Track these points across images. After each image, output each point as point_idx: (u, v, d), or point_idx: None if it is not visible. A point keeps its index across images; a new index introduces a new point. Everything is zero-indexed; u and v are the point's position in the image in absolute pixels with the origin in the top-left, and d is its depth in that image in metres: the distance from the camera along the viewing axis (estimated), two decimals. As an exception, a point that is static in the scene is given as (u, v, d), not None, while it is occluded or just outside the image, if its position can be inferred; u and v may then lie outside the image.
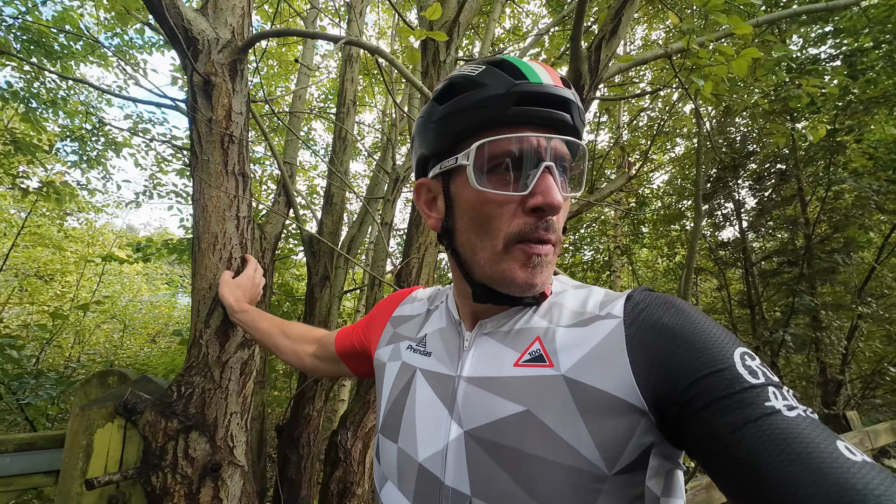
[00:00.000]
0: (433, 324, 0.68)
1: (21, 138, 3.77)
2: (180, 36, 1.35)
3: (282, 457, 2.22)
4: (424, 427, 0.57)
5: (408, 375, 0.64)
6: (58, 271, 7.35)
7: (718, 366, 0.43)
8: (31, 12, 4.02)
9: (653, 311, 0.51)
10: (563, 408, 0.49)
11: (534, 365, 0.53)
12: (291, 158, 2.86)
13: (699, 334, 0.47)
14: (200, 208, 1.38)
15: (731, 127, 5.80)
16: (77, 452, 1.15)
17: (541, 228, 0.52)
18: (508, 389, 0.53)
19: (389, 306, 0.80)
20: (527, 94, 0.51)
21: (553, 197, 0.51)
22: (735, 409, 0.40)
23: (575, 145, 0.55)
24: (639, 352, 0.48)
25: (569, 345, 0.53)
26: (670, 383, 0.45)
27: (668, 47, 1.94)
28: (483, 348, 0.59)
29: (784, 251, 5.09)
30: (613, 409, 0.47)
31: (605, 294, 0.58)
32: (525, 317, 0.59)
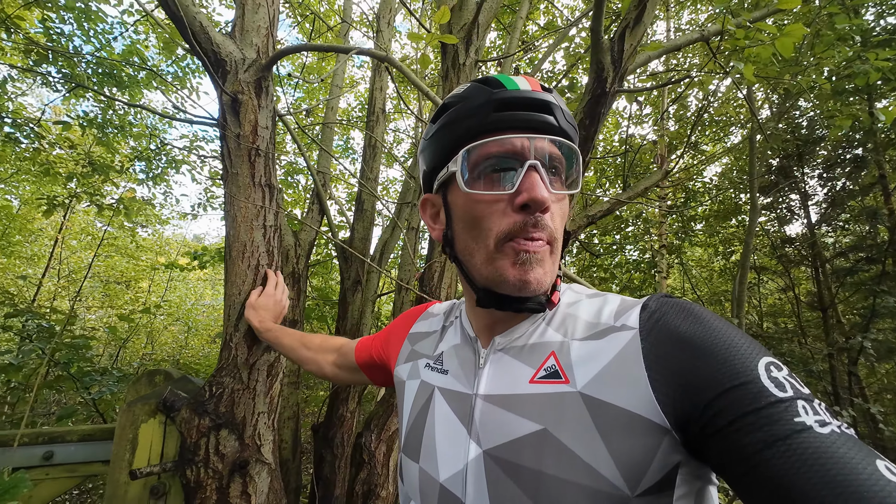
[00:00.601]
0: (448, 340, 0.69)
1: (98, 161, 4.24)
2: (209, 59, 1.45)
3: (317, 456, 2.31)
4: (444, 447, 0.58)
5: (427, 394, 0.64)
6: (132, 278, 8.18)
7: (741, 378, 0.41)
8: (104, 48, 4.52)
9: (669, 319, 0.49)
10: (580, 426, 0.47)
11: (549, 381, 0.52)
12: (325, 168, 2.98)
13: (719, 344, 0.44)
14: (231, 218, 1.47)
15: (794, 111, 5.26)
16: (124, 445, 1.26)
17: (529, 225, 0.52)
18: (525, 407, 0.52)
19: (407, 323, 0.81)
20: (505, 100, 0.54)
21: (538, 192, 0.51)
22: (762, 425, 0.38)
23: (564, 146, 0.56)
24: (657, 365, 0.46)
25: (584, 359, 0.51)
26: (691, 399, 0.43)
27: (704, 30, 1.80)
28: (498, 365, 0.58)
29: (862, 246, 4.53)
30: (633, 428, 0.45)
31: (621, 303, 0.56)
32: (538, 330, 0.58)
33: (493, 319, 0.62)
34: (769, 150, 4.78)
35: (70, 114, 5.99)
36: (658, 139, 3.52)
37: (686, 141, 3.16)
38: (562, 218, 0.57)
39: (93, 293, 8.30)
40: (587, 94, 1.65)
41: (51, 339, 1.92)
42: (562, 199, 0.57)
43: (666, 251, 4.97)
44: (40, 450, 1.39)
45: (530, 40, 5.14)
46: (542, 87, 0.56)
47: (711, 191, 5.85)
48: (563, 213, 0.57)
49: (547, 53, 2.89)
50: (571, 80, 2.47)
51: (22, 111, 4.60)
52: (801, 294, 5.45)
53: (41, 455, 1.38)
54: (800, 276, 5.84)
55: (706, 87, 2.12)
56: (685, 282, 7.11)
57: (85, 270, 7.19)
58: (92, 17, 4.22)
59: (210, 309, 10.82)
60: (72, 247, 7.75)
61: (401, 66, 1.17)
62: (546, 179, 0.53)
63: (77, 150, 4.33)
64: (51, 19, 4.12)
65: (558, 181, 0.56)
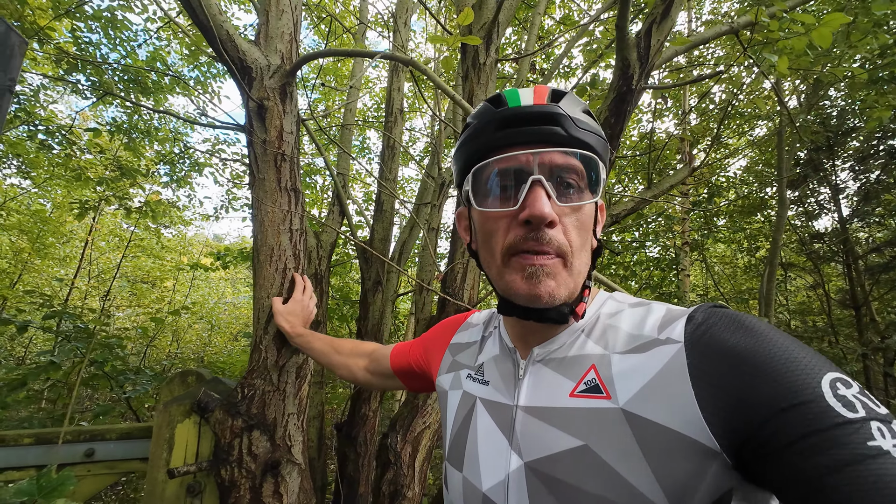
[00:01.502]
0: (488, 351, 0.69)
1: (125, 165, 4.38)
2: (236, 67, 1.47)
3: (341, 455, 2.34)
4: (487, 457, 0.58)
5: (469, 405, 0.65)
6: (158, 277, 8.45)
7: (801, 397, 0.37)
8: (130, 55, 4.65)
9: (718, 332, 0.46)
10: (623, 444, 0.46)
11: (590, 396, 0.51)
12: (344, 169, 3.01)
13: (776, 358, 0.40)
14: (258, 223, 1.50)
15: (824, 101, 5.05)
16: (161, 444, 1.30)
17: (531, 240, 0.53)
18: (565, 421, 0.51)
19: (447, 333, 0.82)
20: (507, 117, 0.55)
21: (537, 208, 0.51)
22: (826, 448, 0.34)
23: (576, 155, 0.54)
24: (704, 382, 0.43)
25: (626, 374, 0.50)
26: (744, 419, 0.40)
27: (734, 22, 1.74)
28: (538, 377, 0.58)
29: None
30: (680, 449, 0.43)
31: (666, 312, 0.53)
32: (578, 342, 0.57)
33: (525, 329, 0.62)
34: (798, 142, 4.61)
35: (98, 120, 6.20)
36: (685, 135, 3.42)
37: (714, 136, 3.06)
38: (579, 228, 0.55)
39: (121, 292, 8.61)
40: (612, 91, 1.62)
41: (89, 338, 2.01)
42: (578, 210, 0.55)
43: (689, 248, 4.85)
44: (82, 447, 1.45)
45: (546, 36, 5.07)
46: (552, 96, 0.56)
47: (736, 185, 5.68)
48: (582, 223, 0.55)
49: (565, 51, 2.85)
50: (593, 77, 2.43)
51: (53, 118, 4.78)
52: (831, 291, 5.25)
53: (83, 452, 1.44)
54: (830, 272, 5.62)
55: (738, 82, 2.05)
56: (707, 279, 6.94)
57: (113, 271, 7.46)
58: (118, 25, 4.35)
59: (231, 307, 11.10)
60: (101, 248, 8.05)
61: (425, 70, 1.17)
62: (552, 193, 0.52)
63: (106, 155, 4.47)
64: (79, 29, 4.27)
65: (572, 192, 0.54)
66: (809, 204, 5.62)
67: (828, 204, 5.40)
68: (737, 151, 5.45)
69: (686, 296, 4.61)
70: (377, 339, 2.63)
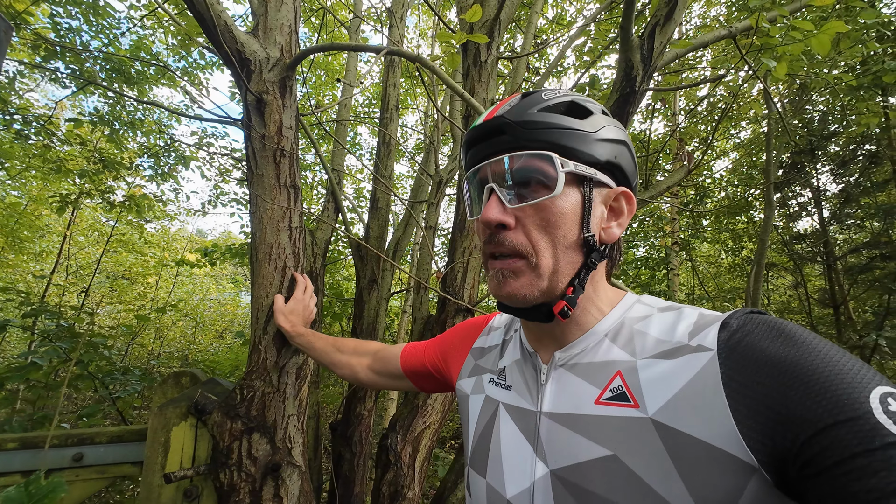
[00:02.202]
0: (510, 355, 0.68)
1: (108, 157, 4.23)
2: (234, 59, 1.43)
3: (336, 454, 2.32)
4: (511, 463, 0.57)
5: (492, 409, 0.64)
6: (140, 274, 8.22)
7: (849, 412, 0.35)
8: (112, 43, 4.49)
9: (755, 340, 0.44)
10: (653, 456, 0.44)
11: (617, 404, 0.50)
12: (339, 166, 2.96)
13: (819, 369, 0.38)
14: (257, 220, 1.46)
15: (807, 105, 5.20)
16: (157, 448, 1.26)
17: (491, 243, 0.57)
18: (592, 430, 0.50)
19: (469, 336, 0.81)
20: (468, 141, 0.61)
21: (484, 214, 0.55)
22: (877, 470, 0.32)
23: (524, 157, 0.55)
24: (739, 394, 0.41)
25: (655, 382, 0.48)
26: (784, 434, 0.38)
27: (732, 26, 1.76)
28: (561, 382, 0.57)
29: (876, 243, 4.49)
30: (714, 463, 0.41)
31: (699, 317, 0.51)
32: (602, 347, 0.56)
33: (538, 331, 0.62)
34: (785, 144, 4.74)
35: (77, 110, 5.98)
36: (685, 138, 3.47)
37: (707, 139, 3.12)
38: (543, 227, 0.54)
39: (100, 289, 8.34)
40: (615, 92, 1.62)
41: (73, 338, 1.93)
42: (541, 209, 0.54)
43: (678, 248, 4.94)
44: (70, 451, 1.39)
45: (539, 35, 5.08)
46: (502, 110, 0.57)
47: (722, 186, 5.81)
48: (548, 221, 0.54)
49: (562, 51, 2.85)
50: (593, 77, 2.44)
51: (29, 107, 4.58)
52: (811, 291, 5.42)
53: (71, 456, 1.39)
54: (810, 272, 5.81)
55: (736, 87, 2.08)
56: (693, 278, 7.09)
57: (92, 266, 7.22)
58: (100, 11, 4.19)
59: (216, 304, 10.88)
60: (79, 243, 7.78)
61: (433, 67, 1.15)
62: (504, 198, 0.55)
63: (87, 147, 4.31)
64: (59, 14, 4.09)
65: (531, 192, 0.54)
66: (791, 206, 5.78)
67: (809, 206, 5.56)
68: (724, 153, 5.57)
69: (675, 295, 4.70)
70: (372, 338, 2.61)
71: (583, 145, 0.55)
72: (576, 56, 5.11)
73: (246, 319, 10.37)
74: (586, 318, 0.58)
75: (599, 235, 0.57)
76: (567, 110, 0.57)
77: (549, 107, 0.56)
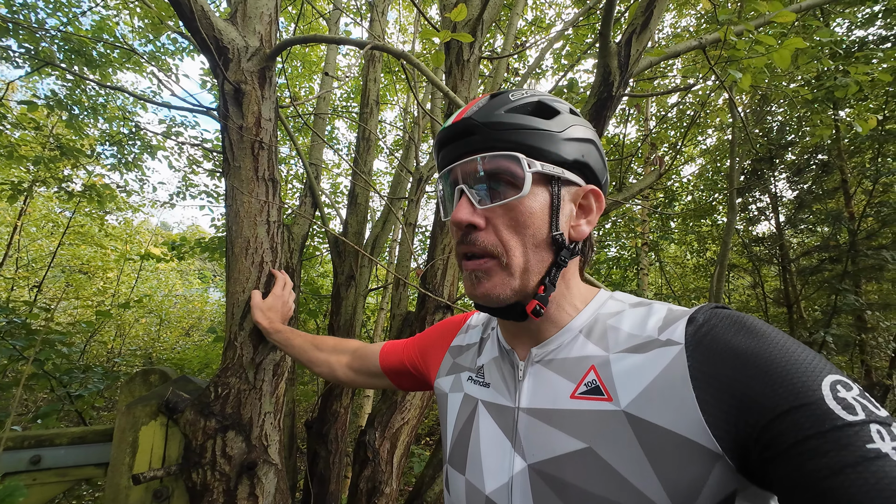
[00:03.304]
0: (488, 353, 0.69)
1: (65, 144, 3.98)
2: (211, 46, 1.38)
3: (311, 452, 2.29)
4: (490, 459, 0.58)
5: (470, 407, 0.65)
6: (99, 268, 7.77)
7: (802, 399, 0.38)
8: (72, 23, 4.22)
9: (719, 333, 0.46)
10: (626, 447, 0.46)
11: (591, 398, 0.51)
12: (317, 160, 2.91)
13: (776, 359, 0.41)
14: (233, 214, 1.42)
15: (767, 116, 5.51)
16: (124, 448, 1.21)
17: (463, 244, 0.58)
18: (568, 423, 0.52)
19: (447, 335, 0.81)
20: (439, 142, 0.62)
21: (455, 214, 0.56)
22: (827, 450, 0.35)
23: (493, 157, 0.55)
24: (705, 385, 0.44)
25: (627, 375, 0.50)
26: (745, 421, 0.40)
27: (702, 38, 1.85)
28: (538, 378, 0.58)
29: (826, 247, 4.82)
30: (682, 451, 0.43)
31: (668, 312, 0.53)
32: (578, 343, 0.57)
33: (514, 328, 0.63)
34: (748, 151, 5.01)
35: (33, 92, 5.59)
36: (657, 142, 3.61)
37: (677, 144, 3.26)
38: (513, 227, 0.55)
39: (54, 283, 7.84)
40: (592, 97, 1.67)
41: (29, 335, 1.80)
42: (510, 209, 0.55)
43: (648, 249, 5.14)
44: (27, 454, 1.31)
45: (518, 36, 5.14)
46: (471, 111, 0.58)
47: (689, 190, 6.08)
48: (518, 221, 0.55)
49: (541, 54, 2.90)
50: (571, 80, 2.50)
51: (-24, 88, 4.24)
52: (767, 291, 5.76)
53: (28, 459, 1.31)
54: (767, 273, 6.17)
55: (704, 95, 2.19)
56: (661, 277, 7.39)
57: (46, 260, 6.78)
58: (58, -13, 3.93)
59: (182, 300, 10.43)
60: (32, 234, 7.28)
61: (419, 64, 1.15)
62: (474, 199, 0.56)
63: (42, 132, 4.04)
64: (11, -12, 3.80)
65: (500, 192, 0.55)
66: (751, 210, 6.11)
67: (767, 211, 5.90)
68: (691, 158, 5.83)
69: (644, 293, 4.89)
70: (350, 335, 2.58)
71: (549, 145, 0.56)
72: (554, 58, 5.22)
73: (215, 316, 10.00)
74: (561, 315, 0.60)
75: (569, 233, 0.58)
76: (534, 110, 0.58)
77: (516, 107, 0.57)
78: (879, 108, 3.85)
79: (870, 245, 4.26)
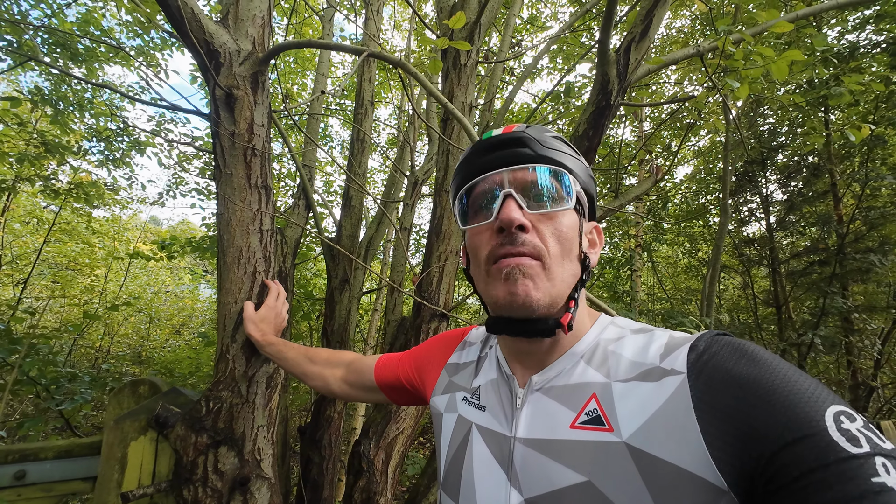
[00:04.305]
0: (485, 374, 0.67)
1: (51, 140, 3.88)
2: (202, 50, 1.34)
3: (304, 459, 2.27)
4: (483, 490, 0.57)
5: (464, 430, 0.63)
6: (87, 265, 7.62)
7: (806, 430, 0.37)
8: (56, 15, 4.10)
9: (721, 361, 0.46)
10: (627, 481, 0.45)
11: (592, 428, 0.50)
12: (310, 161, 2.86)
13: (779, 388, 0.40)
14: (225, 222, 1.39)
15: (759, 118, 5.56)
16: (112, 464, 1.18)
17: (507, 244, 0.56)
18: (567, 455, 0.50)
19: (444, 350, 0.79)
20: (483, 147, 0.62)
21: (506, 214, 0.55)
22: (831, 484, 0.34)
23: (544, 170, 0.59)
24: (709, 416, 0.43)
25: (629, 405, 0.49)
26: (749, 452, 0.39)
27: (700, 46, 1.85)
28: (537, 407, 0.57)
29: (815, 249, 4.89)
30: (686, 487, 0.42)
31: (669, 339, 0.53)
32: (578, 369, 0.56)
33: (520, 350, 0.62)
34: (741, 154, 5.05)
35: (15, 87, 5.43)
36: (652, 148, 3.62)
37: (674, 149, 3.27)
38: (556, 236, 0.57)
39: (40, 280, 7.68)
40: (591, 105, 1.66)
41: (13, 343, 1.75)
42: (552, 218, 0.58)
43: (641, 250, 5.18)
44: (11, 469, 1.28)
45: (514, 34, 5.11)
46: (516, 127, 0.62)
47: (683, 193, 6.12)
48: (560, 232, 0.57)
49: (538, 56, 2.88)
50: (568, 85, 2.48)
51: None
52: (757, 291, 5.84)
53: (12, 475, 1.27)
54: (757, 274, 6.26)
55: (701, 103, 2.20)
56: (653, 278, 7.45)
57: (31, 257, 6.63)
58: (41, -21, 3.81)
59: (173, 297, 10.28)
60: (16, 231, 7.10)
61: (415, 73, 1.13)
62: (521, 203, 0.57)
63: (26, 128, 3.93)
64: (-8, -21, 3.68)
65: (545, 203, 0.58)
66: (742, 212, 6.17)
67: (758, 213, 5.96)
68: (682, 160, 5.87)
69: (637, 294, 4.93)
70: (343, 339, 2.56)
71: (582, 173, 0.63)
72: (549, 59, 5.20)
73: (206, 313, 9.88)
74: (567, 339, 0.59)
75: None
76: (567, 142, 0.64)
77: (556, 136, 0.63)
78: (870, 112, 3.90)
79: (857, 248, 4.33)
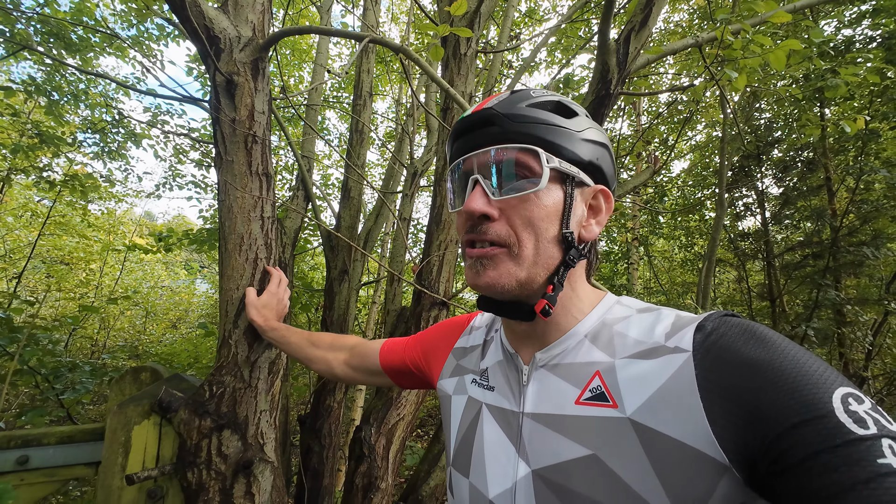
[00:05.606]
0: (492, 356, 0.68)
1: (45, 131, 3.84)
2: (202, 35, 1.34)
3: (304, 447, 2.28)
4: (494, 464, 0.58)
5: (475, 410, 0.64)
6: (82, 259, 7.57)
7: (813, 412, 0.37)
8: (49, 4, 4.04)
9: (728, 342, 0.45)
10: (631, 455, 0.46)
11: (596, 404, 0.51)
12: (309, 152, 2.86)
13: (787, 370, 0.40)
14: (226, 209, 1.39)
15: (755, 113, 5.58)
16: (116, 448, 1.19)
17: (472, 233, 0.57)
18: (573, 430, 0.51)
19: (451, 336, 0.80)
20: (455, 131, 0.61)
21: (469, 204, 0.56)
22: (838, 466, 0.34)
23: (513, 149, 0.55)
24: (713, 395, 0.43)
25: (633, 382, 0.49)
26: (754, 433, 0.39)
27: (699, 37, 1.86)
28: (543, 383, 0.58)
29: (809, 243, 4.94)
30: (689, 462, 0.42)
31: (676, 319, 0.52)
32: (583, 348, 0.57)
33: (518, 330, 0.62)
34: (738, 148, 5.08)
35: (6, 77, 5.36)
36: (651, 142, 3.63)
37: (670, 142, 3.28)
38: (527, 220, 0.54)
39: (35, 274, 7.62)
40: (590, 94, 1.67)
41: (11, 332, 1.74)
42: (525, 201, 0.54)
43: (637, 243, 5.21)
44: (14, 454, 1.28)
45: (513, 27, 5.09)
46: (491, 102, 0.58)
47: (679, 186, 6.15)
48: (530, 215, 0.54)
49: (538, 47, 2.88)
50: (567, 76, 2.48)
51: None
52: (751, 285, 5.90)
53: (15, 460, 1.28)
54: (752, 268, 6.31)
55: (700, 93, 2.21)
56: (649, 271, 7.50)
57: (25, 250, 6.58)
58: (33, -33, 3.75)
59: (169, 292, 10.24)
60: (9, 224, 7.04)
61: (418, 59, 1.13)
62: (489, 190, 0.56)
63: (20, 119, 3.89)
64: (-17, -34, 3.61)
65: (516, 184, 0.55)
66: (738, 206, 6.21)
67: (753, 207, 6.01)
68: (681, 154, 5.89)
69: (634, 287, 4.97)
70: (343, 330, 2.57)
71: (568, 143, 0.56)
72: (547, 52, 5.19)
73: (203, 308, 9.85)
74: (567, 319, 0.59)
75: (579, 234, 0.58)
76: (554, 109, 0.58)
77: (537, 103, 0.57)
78: (864, 106, 3.93)
79: (851, 241, 4.38)
